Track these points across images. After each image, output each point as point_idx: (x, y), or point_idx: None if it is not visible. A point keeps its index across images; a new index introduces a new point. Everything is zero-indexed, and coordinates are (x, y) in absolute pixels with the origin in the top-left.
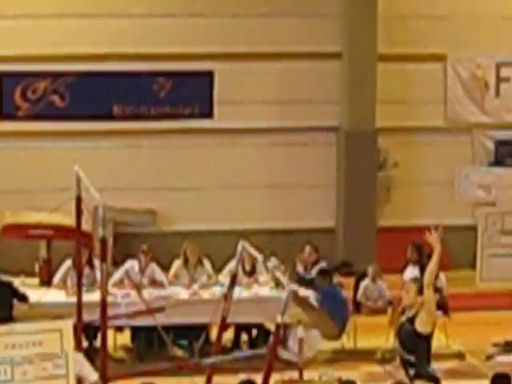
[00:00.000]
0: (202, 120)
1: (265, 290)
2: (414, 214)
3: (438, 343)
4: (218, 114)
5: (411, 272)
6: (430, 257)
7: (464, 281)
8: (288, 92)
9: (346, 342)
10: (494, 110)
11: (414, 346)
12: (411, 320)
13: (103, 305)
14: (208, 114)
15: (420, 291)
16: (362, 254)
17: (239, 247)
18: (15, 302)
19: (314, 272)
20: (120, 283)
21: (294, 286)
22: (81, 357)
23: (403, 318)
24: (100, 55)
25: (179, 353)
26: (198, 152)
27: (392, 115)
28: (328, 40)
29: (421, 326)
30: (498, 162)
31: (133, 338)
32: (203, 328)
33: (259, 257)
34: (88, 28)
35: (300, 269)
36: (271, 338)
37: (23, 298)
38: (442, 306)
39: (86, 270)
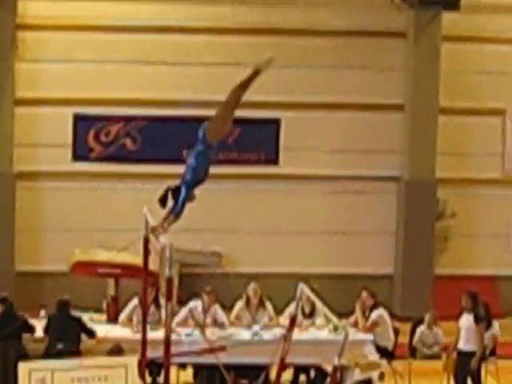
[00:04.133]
0: (268, 166)
1: (323, 333)
2: (470, 263)
3: None
4: (283, 160)
5: (466, 319)
6: (485, 305)
7: None
8: (351, 141)
9: None
10: None
11: None
12: None
13: (167, 342)
14: (273, 160)
15: None
16: (419, 300)
17: (298, 290)
18: (83, 336)
19: (372, 316)
20: (184, 322)
21: (351, 330)
22: None
23: None
24: (171, 101)
25: None
26: (263, 197)
27: (451, 167)
28: (391, 92)
29: None
30: None
31: (195, 376)
32: (263, 368)
33: (317, 300)
34: (160, 75)
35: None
36: (328, 380)
37: (91, 334)
38: (495, 352)
39: (152, 309)
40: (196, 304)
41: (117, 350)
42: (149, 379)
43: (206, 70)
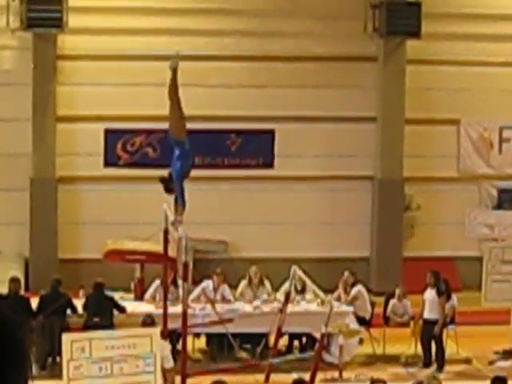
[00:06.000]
0: (265, 169)
1: (312, 306)
2: (432, 247)
3: (450, 351)
4: (278, 164)
5: (430, 293)
6: (445, 281)
7: (472, 300)
8: (333, 148)
9: (377, 348)
10: (497, 165)
11: None
12: None
13: (184, 316)
14: (269, 164)
15: None
16: (391, 278)
17: (291, 271)
18: (115, 312)
19: (352, 292)
20: (198, 299)
21: (335, 303)
22: (168, 347)
23: None
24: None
25: (244, 355)
26: (261, 195)
27: (416, 167)
28: (365, 107)
29: None
30: (500, 206)
31: (207, 343)
32: (263, 335)
33: (307, 279)
34: None
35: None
36: (317, 345)
37: (122, 310)
38: (454, 320)
39: (171, 288)
40: (207, 284)
41: (149, 321)
42: (169, 346)
43: (212, 90)
